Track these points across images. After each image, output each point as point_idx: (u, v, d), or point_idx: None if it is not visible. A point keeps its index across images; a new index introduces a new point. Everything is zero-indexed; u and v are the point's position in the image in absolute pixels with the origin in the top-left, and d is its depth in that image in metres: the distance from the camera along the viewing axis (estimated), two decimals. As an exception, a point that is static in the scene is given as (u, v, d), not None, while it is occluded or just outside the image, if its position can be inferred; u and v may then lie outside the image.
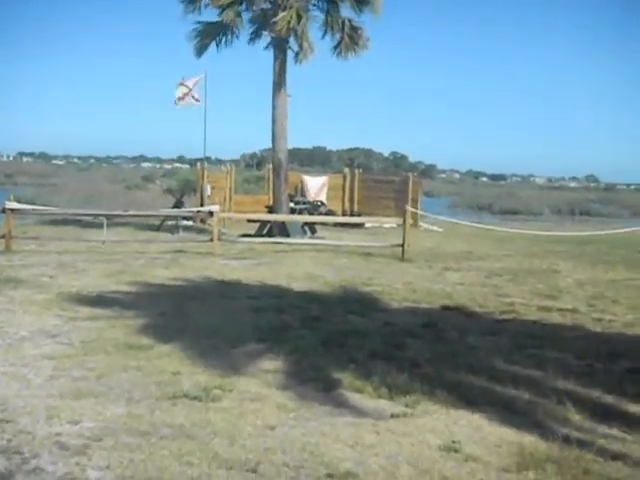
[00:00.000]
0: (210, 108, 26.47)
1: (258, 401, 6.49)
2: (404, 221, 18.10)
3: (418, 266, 16.50)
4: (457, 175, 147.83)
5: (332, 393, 6.88)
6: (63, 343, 8.32)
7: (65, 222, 24.07)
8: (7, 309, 10.04)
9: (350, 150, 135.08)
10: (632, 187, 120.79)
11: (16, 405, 6.14)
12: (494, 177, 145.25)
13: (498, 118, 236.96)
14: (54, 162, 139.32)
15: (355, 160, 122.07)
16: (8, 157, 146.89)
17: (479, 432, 5.98)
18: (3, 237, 16.73)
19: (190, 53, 22.90)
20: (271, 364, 7.70)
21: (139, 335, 8.70)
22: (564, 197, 69.47)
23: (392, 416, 6.29)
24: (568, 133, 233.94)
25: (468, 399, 6.71)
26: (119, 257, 16.15)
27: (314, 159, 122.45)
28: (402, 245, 17.80)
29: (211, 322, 9.49)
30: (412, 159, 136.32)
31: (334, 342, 8.74)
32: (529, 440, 5.77)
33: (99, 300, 10.80)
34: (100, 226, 19.27)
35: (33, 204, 39.89)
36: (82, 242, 18.30)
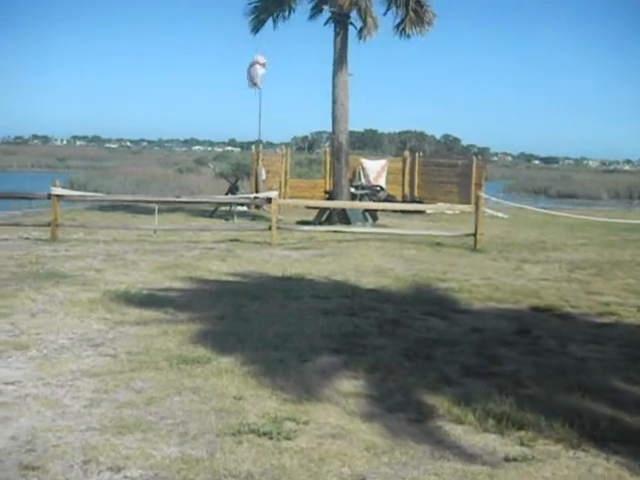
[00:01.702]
0: (264, 89, 25.32)
1: (341, 438, 5.28)
2: (476, 208, 16.71)
3: (493, 258, 15.18)
4: (509, 158, 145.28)
5: (428, 425, 5.67)
6: (107, 355, 7.20)
7: (115, 208, 23.11)
8: (46, 311, 8.96)
9: (402, 133, 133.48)
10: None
11: (47, 443, 5.02)
12: (547, 160, 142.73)
13: (548, 100, 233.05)
14: (107, 145, 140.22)
15: (407, 143, 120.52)
16: (62, 141, 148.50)
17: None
18: (49, 225, 15.75)
19: (245, 31, 21.78)
20: (350, 384, 6.49)
21: (195, 345, 7.55)
22: (621, 180, 67.20)
23: (507, 459, 5.06)
24: (620, 115, 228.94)
25: (594, 434, 5.46)
26: (171, 247, 15.07)
27: (366, 142, 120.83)
28: (474, 234, 16.44)
29: (276, 328, 8.30)
30: (464, 142, 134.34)
31: (419, 354, 7.52)
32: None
33: (150, 300, 9.66)
34: (151, 212, 18.30)
35: (85, 188, 40.15)
36: (132, 230, 17.25)
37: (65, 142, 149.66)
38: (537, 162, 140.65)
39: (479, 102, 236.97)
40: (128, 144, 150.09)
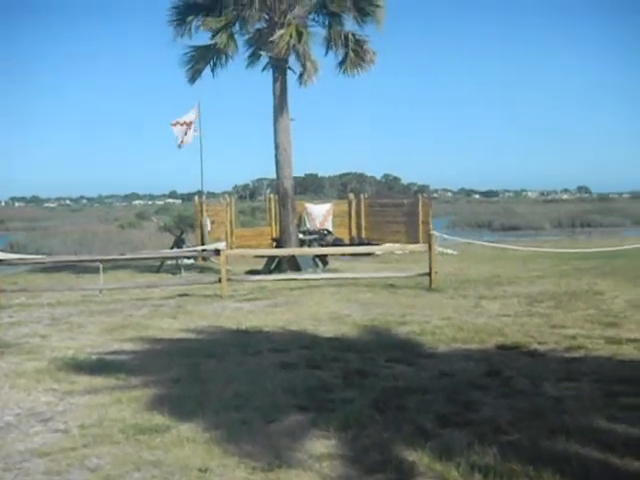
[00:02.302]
0: (203, 137, 25.03)
1: (320, 508, 4.86)
2: (429, 247, 16.44)
3: (450, 296, 14.91)
4: (450, 194, 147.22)
5: (412, 485, 5.26)
6: (58, 430, 6.66)
7: (59, 269, 22.39)
8: (-10, 385, 8.37)
9: (342, 175, 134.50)
10: (625, 196, 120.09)
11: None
12: (486, 194, 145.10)
13: (485, 135, 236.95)
14: (46, 205, 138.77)
15: (348, 185, 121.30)
16: (0, 203, 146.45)
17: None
18: (-12, 291, 15.08)
19: (181, 81, 21.44)
20: (322, 445, 6.05)
21: (151, 412, 7.04)
22: (561, 210, 68.56)
23: (502, 517, 4.67)
24: (557, 146, 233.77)
25: (590, 484, 5.12)
26: (119, 307, 14.50)
27: (307, 187, 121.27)
28: (429, 274, 16.16)
29: (235, 387, 7.83)
30: (404, 181, 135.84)
31: (390, 405, 7.11)
32: None
33: (99, 365, 9.07)
34: (96, 271, 17.72)
35: (25, 249, 39.16)
36: (77, 291, 16.62)
37: (3, 204, 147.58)
38: (477, 196, 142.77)
39: (416, 140, 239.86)
40: (68, 202, 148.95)
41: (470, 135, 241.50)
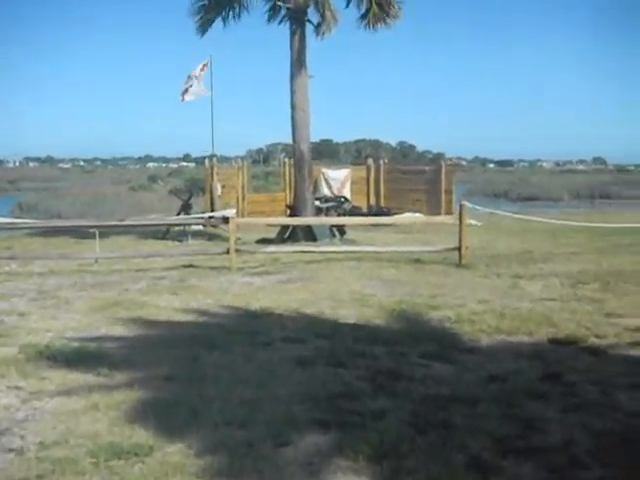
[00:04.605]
0: (216, 99, 23.48)
1: None
2: (460, 219, 14.89)
3: (483, 274, 13.41)
4: (464, 162, 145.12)
5: None
6: (11, 449, 5.19)
7: (59, 232, 20.85)
8: (-61, 380, 6.87)
9: (357, 142, 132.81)
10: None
11: None
12: (501, 163, 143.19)
13: (501, 103, 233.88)
14: (60, 166, 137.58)
15: (362, 152, 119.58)
16: (15, 163, 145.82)
17: None
18: (-28, 258, 13.67)
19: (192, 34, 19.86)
20: (351, 483, 4.61)
21: (132, 424, 5.58)
22: (578, 181, 66.90)
23: None
24: (572, 115, 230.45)
25: None
26: (115, 279, 13.03)
27: (322, 152, 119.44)
28: (459, 248, 14.62)
29: (241, 391, 6.35)
30: (420, 148, 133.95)
31: (433, 421, 5.67)
32: None
33: (79, 355, 7.54)
34: (99, 236, 16.20)
35: (35, 209, 38.01)
36: (72, 260, 15.16)
37: (17, 164, 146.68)
38: (492, 165, 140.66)
39: (432, 106, 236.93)
40: (81, 163, 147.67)
41: (485, 103, 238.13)
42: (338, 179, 28.55)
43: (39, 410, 6.02)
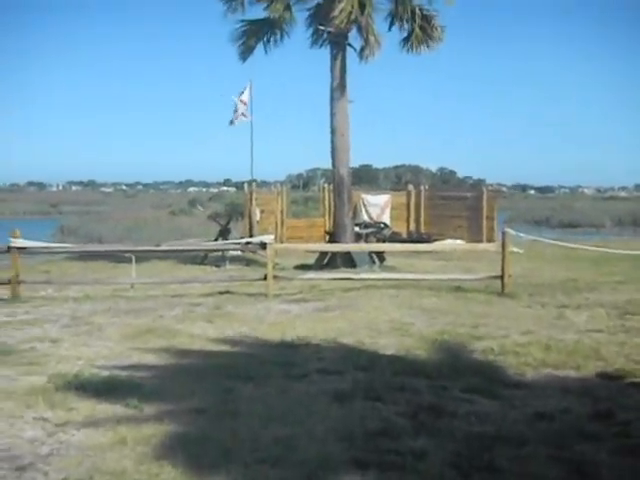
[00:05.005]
0: (255, 124, 23.33)
1: None
2: (503, 246, 14.52)
3: (527, 304, 13.02)
4: (504, 189, 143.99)
5: None
6: (33, 486, 4.98)
7: (97, 257, 20.78)
8: (-35, 409, 6.65)
9: (397, 167, 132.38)
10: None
11: None
12: (542, 189, 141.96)
13: (542, 129, 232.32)
14: (102, 189, 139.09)
15: (402, 177, 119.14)
16: (58, 186, 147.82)
17: None
18: (9, 282, 13.51)
19: (236, 67, 19.83)
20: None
21: (160, 461, 5.31)
22: (621, 207, 65.73)
23: None
24: (616, 142, 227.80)
25: None
26: (150, 305, 12.84)
27: (361, 177, 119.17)
28: (501, 277, 14.24)
29: (275, 428, 6.03)
30: (460, 174, 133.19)
31: (478, 463, 5.33)
32: None
33: (108, 385, 7.30)
34: (138, 260, 16.06)
35: (76, 233, 38.27)
36: (108, 285, 15.01)
37: (61, 187, 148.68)
38: (532, 192, 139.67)
39: (473, 131, 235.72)
40: (123, 187, 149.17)
41: (525, 129, 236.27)
42: (378, 205, 28.23)
43: (65, 444, 5.77)
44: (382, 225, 26.28)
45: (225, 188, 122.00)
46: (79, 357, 8.65)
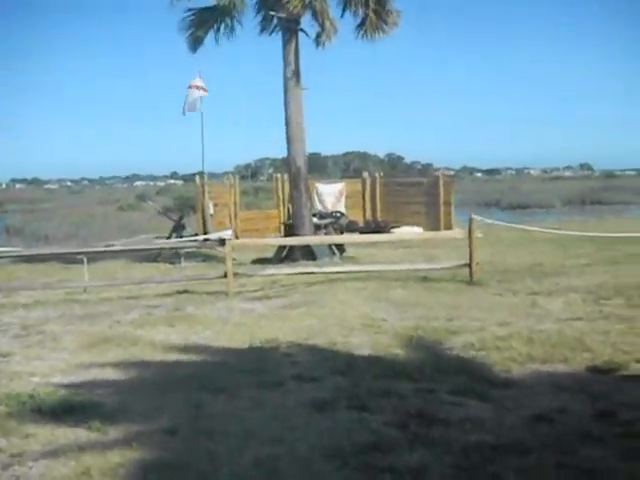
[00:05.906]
0: (205, 115, 22.65)
1: None
2: (470, 232, 14.12)
3: (497, 292, 12.64)
4: (452, 172, 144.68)
5: None
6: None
7: (46, 259, 19.93)
8: None
9: (345, 154, 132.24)
10: (630, 173, 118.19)
11: None
12: (489, 172, 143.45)
13: (486, 112, 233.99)
14: (47, 187, 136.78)
15: (351, 164, 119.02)
16: (0, 185, 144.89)
17: None
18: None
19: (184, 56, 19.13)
20: None
21: (130, 495, 4.76)
22: (567, 187, 66.49)
23: None
24: (558, 123, 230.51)
25: None
26: (105, 309, 12.16)
27: (311, 166, 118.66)
28: (469, 265, 13.84)
29: (254, 447, 5.48)
30: (408, 159, 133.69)
31: (481, 478, 4.84)
32: None
33: (67, 405, 6.63)
34: (88, 261, 15.30)
35: (21, 232, 37.08)
36: (60, 289, 14.27)
37: (4, 186, 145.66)
38: (479, 174, 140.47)
39: (419, 116, 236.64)
40: (68, 184, 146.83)
41: (470, 112, 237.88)
42: (332, 193, 27.80)
43: (22, 478, 5.16)
44: (338, 214, 25.84)
45: (172, 181, 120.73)
46: (33, 373, 7.97)
